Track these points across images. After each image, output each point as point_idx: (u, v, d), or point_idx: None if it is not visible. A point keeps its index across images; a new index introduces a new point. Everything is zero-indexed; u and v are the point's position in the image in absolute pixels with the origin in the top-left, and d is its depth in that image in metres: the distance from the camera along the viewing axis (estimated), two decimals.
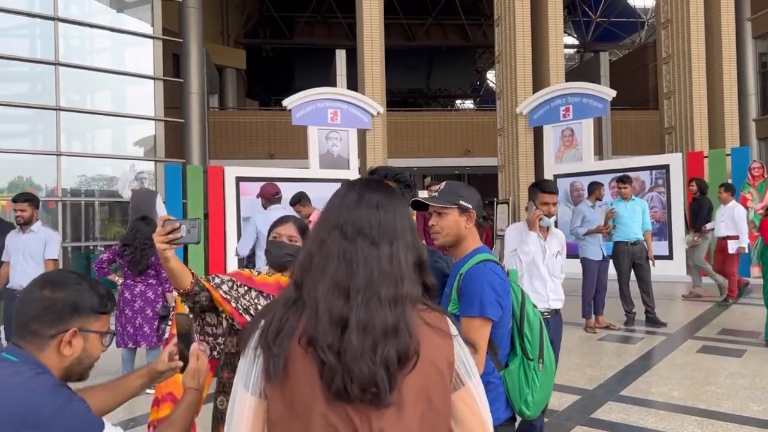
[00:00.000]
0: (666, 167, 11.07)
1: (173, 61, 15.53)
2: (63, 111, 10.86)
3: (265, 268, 2.39)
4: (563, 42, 14.80)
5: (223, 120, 20.19)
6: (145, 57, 12.14)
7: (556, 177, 11.85)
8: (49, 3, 10.83)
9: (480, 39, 30.15)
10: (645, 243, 7.02)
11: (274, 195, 5.77)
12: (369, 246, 1.11)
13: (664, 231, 10.84)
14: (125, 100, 12.54)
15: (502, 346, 2.13)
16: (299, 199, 6.07)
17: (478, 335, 1.97)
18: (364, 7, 13.08)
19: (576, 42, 31.08)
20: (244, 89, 26.41)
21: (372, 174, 2.78)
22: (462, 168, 22.73)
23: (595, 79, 18.25)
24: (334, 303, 1.06)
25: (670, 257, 10.54)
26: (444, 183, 2.21)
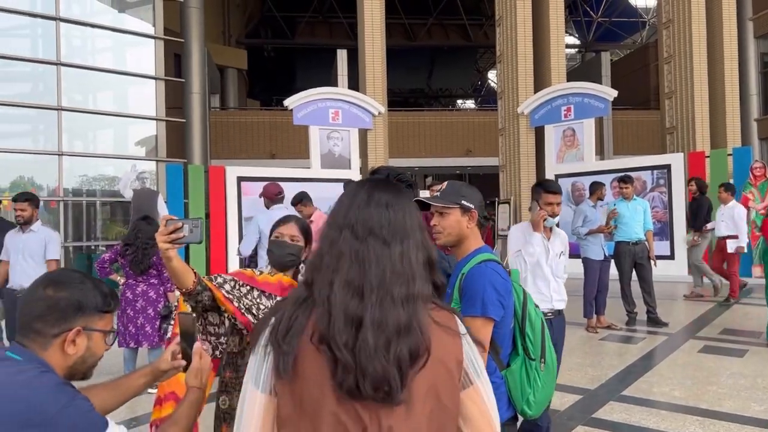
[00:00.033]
0: (667, 167, 11.07)
1: (175, 61, 15.55)
2: (65, 111, 10.88)
3: (267, 267, 2.39)
4: (564, 42, 14.79)
5: (225, 120, 20.20)
6: (147, 57, 12.16)
7: (557, 177, 11.85)
8: (51, 3, 10.84)
9: (481, 39, 30.15)
10: (646, 243, 7.02)
11: (277, 195, 5.78)
12: (381, 245, 1.12)
13: (665, 231, 10.84)
14: (127, 100, 12.56)
15: (503, 345, 2.14)
16: (301, 199, 6.08)
17: (480, 335, 1.97)
18: (365, 7, 13.07)
19: (577, 42, 31.06)
20: (245, 89, 26.41)
21: (374, 174, 2.79)
22: (463, 168, 22.71)
23: (597, 79, 18.24)
24: (348, 302, 1.07)
25: (671, 257, 10.54)
26: (446, 183, 2.21)
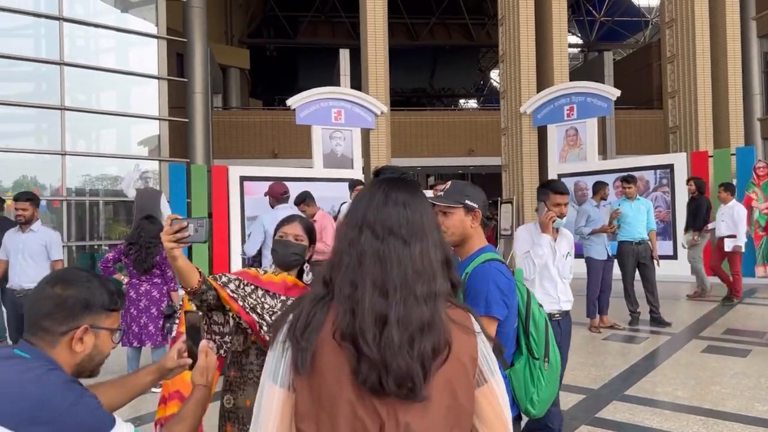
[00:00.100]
0: (670, 167, 11.06)
1: (177, 61, 15.57)
2: (68, 110, 10.90)
3: (271, 267, 2.40)
4: (567, 41, 14.77)
5: (227, 119, 20.21)
6: (150, 57, 12.17)
7: (560, 176, 11.81)
8: (54, 3, 10.86)
9: (484, 38, 30.13)
10: (650, 243, 7.01)
11: (282, 194, 5.78)
12: (401, 245, 1.13)
13: (668, 231, 10.83)
14: (130, 99, 12.59)
15: (507, 345, 2.13)
16: (304, 199, 6.08)
17: None
18: (367, 7, 13.07)
19: (580, 41, 31.03)
20: (247, 89, 26.43)
21: (378, 174, 2.79)
22: (465, 167, 22.71)
23: (599, 79, 18.22)
24: (375, 300, 1.08)
25: (674, 257, 10.53)
26: (449, 182, 2.21)
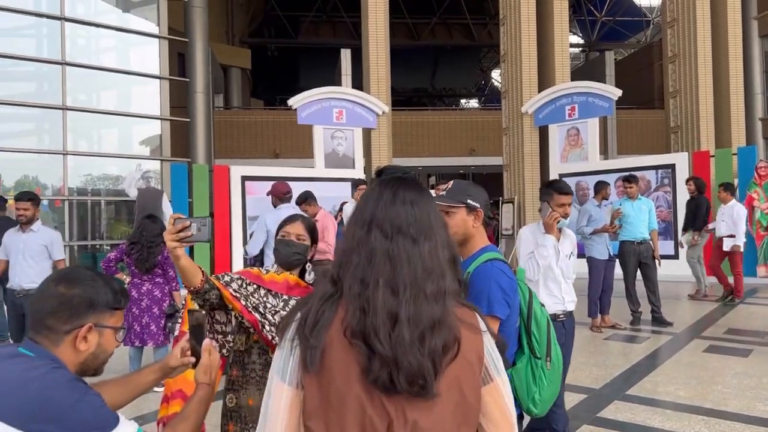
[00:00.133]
0: (672, 167, 11.05)
1: (179, 61, 15.58)
2: (69, 110, 10.92)
3: (273, 267, 2.40)
4: (569, 41, 14.76)
5: (229, 119, 20.23)
6: (151, 56, 12.19)
7: (561, 176, 11.81)
8: (56, 3, 10.88)
9: (485, 38, 30.11)
10: (651, 242, 7.01)
11: (285, 194, 5.77)
12: (410, 243, 1.14)
13: (669, 230, 10.82)
14: (131, 99, 12.61)
15: (509, 344, 2.14)
16: (305, 199, 6.09)
17: None
18: (369, 7, 13.06)
19: (581, 41, 31.01)
20: (249, 88, 26.44)
21: (380, 173, 2.79)
22: (467, 167, 22.71)
23: (601, 79, 18.21)
24: (386, 299, 1.09)
25: (675, 257, 10.51)
26: (452, 182, 2.21)
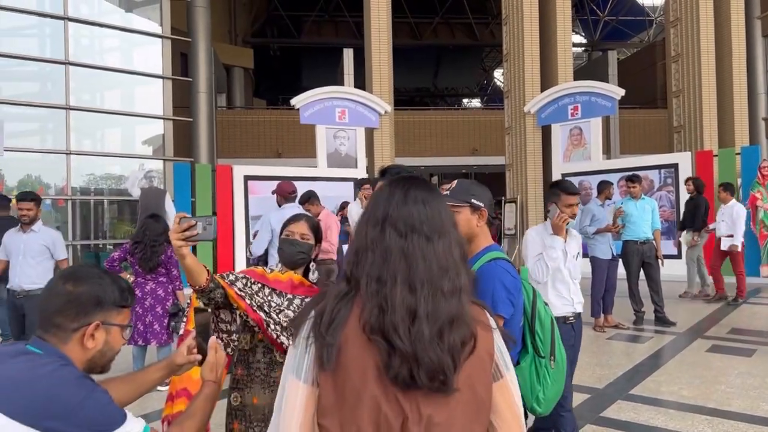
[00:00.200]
0: (675, 166, 11.04)
1: (181, 61, 15.60)
2: (73, 110, 10.94)
3: (278, 266, 2.40)
4: (571, 40, 14.74)
5: (231, 119, 20.25)
6: (154, 56, 12.21)
7: (564, 176, 11.81)
8: (59, 3, 10.91)
9: (487, 38, 30.09)
10: (654, 242, 7.01)
11: (290, 193, 5.77)
12: (424, 241, 1.15)
13: (672, 230, 10.79)
14: (134, 99, 12.63)
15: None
16: (308, 198, 6.09)
17: None
18: (371, 6, 13.06)
19: (584, 40, 30.97)
20: (251, 88, 26.45)
21: (384, 173, 2.79)
22: (469, 167, 22.70)
23: (604, 78, 18.16)
24: (404, 296, 1.10)
25: (678, 256, 10.49)
26: (455, 181, 2.22)
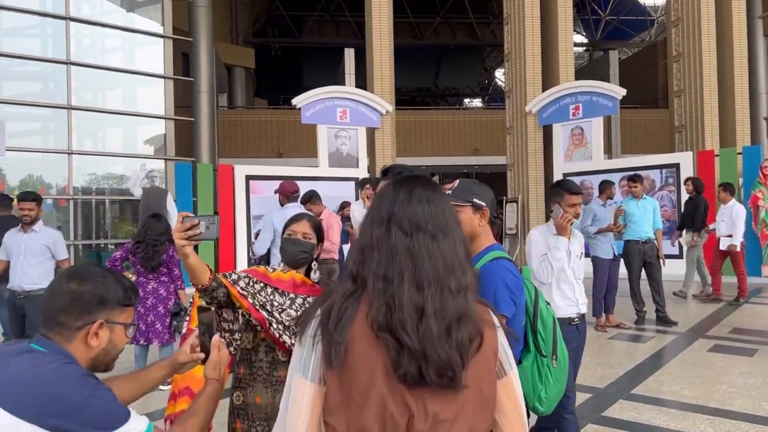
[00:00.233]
0: (676, 166, 11.03)
1: (183, 60, 15.60)
2: (74, 110, 10.95)
3: (280, 265, 2.41)
4: (572, 40, 14.72)
5: (233, 119, 20.25)
6: (156, 56, 12.22)
7: (565, 176, 11.80)
8: (61, 3, 10.92)
9: (488, 37, 30.07)
10: (656, 242, 7.00)
11: (293, 193, 5.76)
12: (430, 240, 1.16)
13: (674, 230, 10.78)
14: (136, 98, 12.64)
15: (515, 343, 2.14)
16: (310, 198, 6.10)
17: None
18: (372, 6, 13.06)
19: (585, 40, 30.94)
20: (252, 88, 26.46)
21: (386, 172, 2.80)
22: (470, 167, 22.67)
23: (605, 78, 18.14)
24: (411, 294, 1.11)
25: (680, 256, 10.47)
26: (457, 181, 2.22)
